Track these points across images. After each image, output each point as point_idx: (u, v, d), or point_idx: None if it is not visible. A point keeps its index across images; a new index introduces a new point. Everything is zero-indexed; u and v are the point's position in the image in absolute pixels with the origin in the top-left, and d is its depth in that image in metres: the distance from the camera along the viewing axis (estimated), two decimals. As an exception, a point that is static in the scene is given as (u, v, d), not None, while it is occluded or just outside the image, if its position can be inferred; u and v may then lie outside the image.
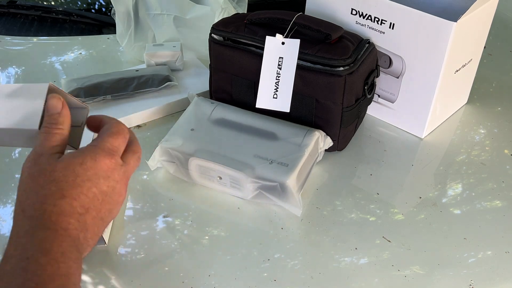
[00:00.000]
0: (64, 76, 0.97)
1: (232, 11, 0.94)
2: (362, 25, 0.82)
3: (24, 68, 1.00)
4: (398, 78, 0.83)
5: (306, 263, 0.65)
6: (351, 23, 0.83)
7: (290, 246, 0.67)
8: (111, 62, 1.02)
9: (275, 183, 0.69)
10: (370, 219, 0.71)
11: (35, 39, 1.09)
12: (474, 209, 0.74)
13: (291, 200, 0.69)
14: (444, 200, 0.75)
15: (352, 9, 0.82)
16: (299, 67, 0.75)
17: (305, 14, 0.80)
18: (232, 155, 0.72)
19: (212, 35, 0.81)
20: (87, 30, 1.12)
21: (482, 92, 0.97)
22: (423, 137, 0.85)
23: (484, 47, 0.88)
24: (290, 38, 0.76)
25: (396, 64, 0.82)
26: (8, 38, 1.08)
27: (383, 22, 0.80)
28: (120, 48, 1.04)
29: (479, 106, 0.94)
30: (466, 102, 0.94)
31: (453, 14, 0.73)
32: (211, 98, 0.86)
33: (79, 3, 1.23)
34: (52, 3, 1.23)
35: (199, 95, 0.85)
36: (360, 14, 0.82)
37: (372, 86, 0.82)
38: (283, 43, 0.75)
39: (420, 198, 0.75)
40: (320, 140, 0.76)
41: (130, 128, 0.85)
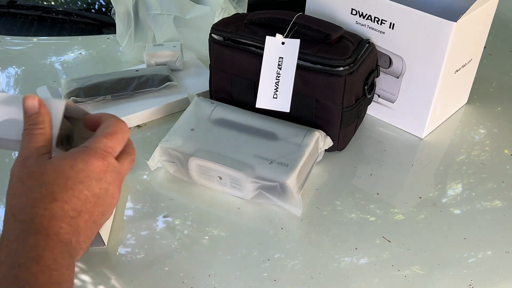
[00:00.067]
0: (64, 76, 0.97)
1: (232, 11, 0.94)
2: (362, 25, 0.82)
3: (24, 68, 1.00)
4: (398, 78, 0.83)
5: (306, 263, 0.65)
6: (351, 23, 0.83)
7: (290, 246, 0.67)
8: (111, 62, 1.02)
9: (275, 183, 0.69)
10: (370, 219, 0.71)
11: (35, 39, 1.09)
12: (474, 209, 0.74)
13: (291, 200, 0.69)
14: (444, 200, 0.75)
15: (352, 9, 0.82)
16: (299, 67, 0.75)
17: (305, 14, 0.80)
18: (232, 155, 0.72)
19: (212, 35, 0.81)
20: (87, 30, 1.12)
21: (482, 92, 0.97)
22: (423, 137, 0.85)
23: (484, 47, 0.88)
24: (290, 38, 0.75)
25: (396, 64, 0.82)
26: (8, 38, 1.08)
27: (383, 22, 0.80)
28: (120, 48, 1.04)
29: (479, 106, 0.94)
30: (466, 102, 0.94)
31: (453, 14, 0.73)
32: (211, 98, 0.86)
33: (79, 3, 1.23)
34: (52, 3, 1.23)
35: (199, 95, 0.85)
36: (360, 14, 0.82)
37: (372, 86, 0.82)
38: (283, 43, 0.75)
39: (420, 198, 0.75)
40: (320, 140, 0.76)
41: (130, 128, 0.85)
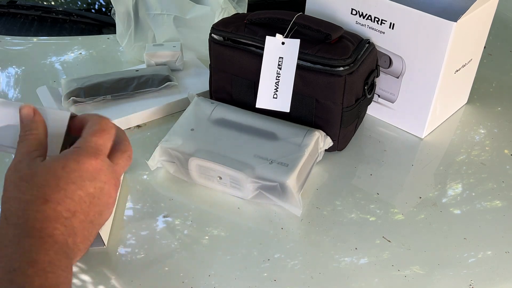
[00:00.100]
0: (64, 76, 0.97)
1: (232, 11, 0.94)
2: (362, 25, 0.82)
3: (24, 68, 1.00)
4: (398, 78, 0.83)
5: (306, 263, 0.65)
6: (351, 23, 0.83)
7: (290, 246, 0.67)
8: (111, 62, 1.02)
9: (275, 183, 0.69)
10: (370, 219, 0.71)
11: (35, 39, 1.08)
12: (474, 209, 0.74)
13: (291, 200, 0.69)
14: (444, 200, 0.75)
15: (352, 9, 0.82)
16: (299, 67, 0.75)
17: (305, 14, 0.80)
18: (232, 155, 0.72)
19: (212, 35, 0.81)
20: (87, 30, 1.12)
21: (482, 92, 0.97)
22: (423, 137, 0.85)
23: (484, 47, 0.88)
24: (290, 38, 0.75)
25: (396, 64, 0.82)
26: (8, 38, 1.08)
27: (383, 22, 0.80)
28: (120, 48, 1.04)
29: (479, 106, 0.94)
30: (466, 102, 0.94)
31: (453, 14, 0.73)
32: (211, 98, 0.86)
33: (79, 3, 1.23)
34: (52, 3, 1.23)
35: (199, 95, 0.85)
36: (360, 14, 0.82)
37: (372, 86, 0.82)
38: (283, 43, 0.75)
39: (420, 198, 0.75)
40: (320, 140, 0.76)
41: (130, 128, 0.85)
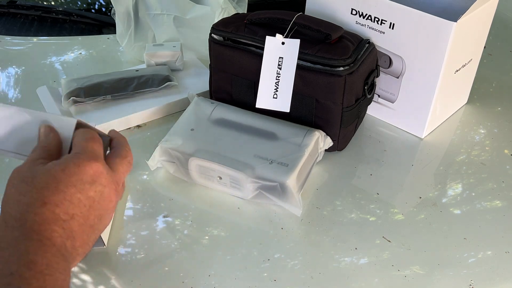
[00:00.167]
0: (64, 76, 0.97)
1: (232, 11, 0.94)
2: (362, 25, 0.82)
3: (24, 68, 1.00)
4: (398, 78, 0.83)
5: (306, 263, 0.65)
6: (351, 23, 0.83)
7: (290, 246, 0.67)
8: (111, 62, 1.02)
9: (275, 183, 0.69)
10: (370, 219, 0.71)
11: (35, 39, 1.08)
12: (474, 209, 0.74)
13: (291, 200, 0.69)
14: (444, 200, 0.75)
15: (352, 9, 0.82)
16: (299, 67, 0.75)
17: (305, 14, 0.80)
18: (232, 155, 0.72)
19: (212, 35, 0.81)
20: (87, 30, 1.12)
21: (482, 92, 0.97)
22: (423, 137, 0.85)
23: (484, 47, 0.88)
24: (290, 38, 0.75)
25: (396, 64, 0.82)
26: (8, 38, 1.08)
27: (383, 22, 0.80)
28: (120, 48, 1.04)
29: (479, 106, 0.94)
30: (466, 102, 0.94)
31: (453, 14, 0.73)
32: (211, 98, 0.86)
33: (79, 3, 1.23)
34: (52, 3, 1.23)
35: (199, 95, 0.85)
36: (360, 14, 0.82)
37: (372, 86, 0.82)
38: (283, 43, 0.75)
39: (420, 198, 0.75)
40: (320, 140, 0.76)
41: (130, 128, 0.86)
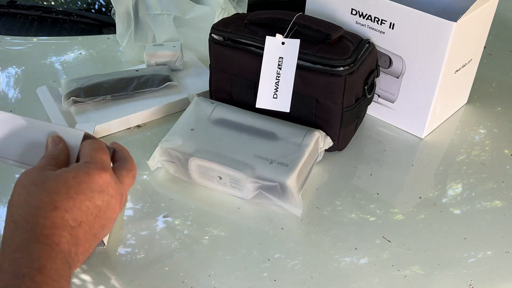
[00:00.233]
0: (64, 76, 0.97)
1: (232, 11, 0.94)
2: (362, 25, 0.82)
3: (24, 68, 1.00)
4: (398, 78, 0.83)
5: (306, 263, 0.65)
6: (351, 23, 0.83)
7: (290, 246, 0.67)
8: (111, 62, 1.02)
9: (275, 183, 0.69)
10: (370, 219, 0.71)
11: (35, 39, 1.08)
12: (474, 209, 0.74)
13: (291, 200, 0.69)
14: (444, 200, 0.75)
15: (352, 9, 0.82)
16: (299, 67, 0.75)
17: (305, 14, 0.80)
18: (232, 155, 0.72)
19: (212, 35, 0.81)
20: (87, 30, 1.12)
21: (482, 92, 0.97)
22: (423, 137, 0.85)
23: (484, 47, 0.88)
24: (290, 38, 0.75)
25: (396, 64, 0.82)
26: (8, 38, 1.08)
27: (383, 22, 0.80)
28: (120, 48, 1.04)
29: (479, 106, 0.94)
30: (466, 102, 0.94)
31: (453, 14, 0.73)
32: (211, 98, 0.86)
33: (79, 3, 1.23)
34: (52, 3, 1.23)
35: (199, 95, 0.85)
36: (360, 14, 0.82)
37: (372, 86, 0.82)
38: (283, 43, 0.75)
39: (420, 198, 0.75)
40: (320, 140, 0.76)
41: (130, 128, 0.86)
